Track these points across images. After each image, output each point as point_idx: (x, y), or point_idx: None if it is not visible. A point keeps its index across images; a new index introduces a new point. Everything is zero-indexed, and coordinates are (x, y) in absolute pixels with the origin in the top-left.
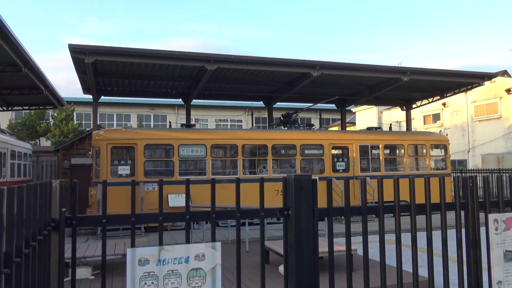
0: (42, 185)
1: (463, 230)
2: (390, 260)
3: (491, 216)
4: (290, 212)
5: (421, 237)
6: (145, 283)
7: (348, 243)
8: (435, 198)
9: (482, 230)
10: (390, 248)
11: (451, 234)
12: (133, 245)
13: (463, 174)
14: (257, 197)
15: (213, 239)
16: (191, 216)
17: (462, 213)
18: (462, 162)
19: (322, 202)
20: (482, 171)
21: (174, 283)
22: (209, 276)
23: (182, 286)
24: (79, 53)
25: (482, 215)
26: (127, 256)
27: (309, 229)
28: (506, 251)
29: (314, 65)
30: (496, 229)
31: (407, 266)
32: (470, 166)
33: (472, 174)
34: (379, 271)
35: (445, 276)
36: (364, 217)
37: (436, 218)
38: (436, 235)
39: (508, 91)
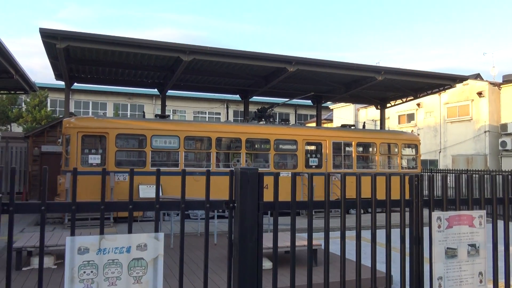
0: None
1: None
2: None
3: (435, 214)
4: (235, 204)
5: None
6: (84, 272)
7: (293, 237)
8: (396, 196)
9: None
10: (336, 242)
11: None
12: (72, 233)
13: (433, 173)
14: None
15: (157, 230)
16: (134, 206)
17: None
18: (434, 162)
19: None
20: (452, 172)
21: (114, 272)
22: (151, 266)
23: (123, 275)
24: (50, 38)
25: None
26: (66, 244)
27: (254, 222)
28: (447, 248)
29: (290, 60)
30: (439, 226)
31: (364, 260)
32: (441, 166)
33: (443, 173)
34: (339, 265)
35: (387, 268)
36: (310, 212)
37: (394, 216)
38: (393, 232)
39: (479, 94)
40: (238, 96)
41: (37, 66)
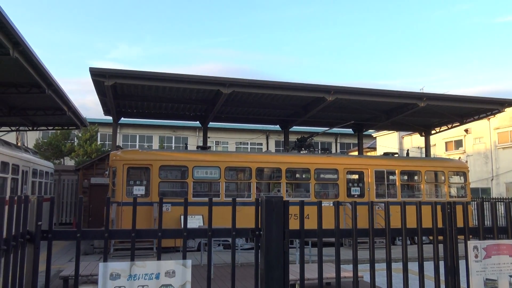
0: (19, 199)
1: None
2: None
3: (470, 243)
4: (261, 232)
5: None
6: None
7: (320, 268)
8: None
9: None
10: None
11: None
12: (105, 259)
13: (484, 202)
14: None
15: (184, 257)
16: (163, 234)
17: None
18: (486, 190)
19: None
20: (505, 200)
21: None
22: None
23: None
24: (99, 76)
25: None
26: (99, 270)
27: (280, 250)
28: (486, 279)
29: (329, 89)
30: (476, 256)
31: None
32: (494, 194)
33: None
34: None
35: None
36: (337, 240)
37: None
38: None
39: None
40: (278, 126)
41: (91, 103)
